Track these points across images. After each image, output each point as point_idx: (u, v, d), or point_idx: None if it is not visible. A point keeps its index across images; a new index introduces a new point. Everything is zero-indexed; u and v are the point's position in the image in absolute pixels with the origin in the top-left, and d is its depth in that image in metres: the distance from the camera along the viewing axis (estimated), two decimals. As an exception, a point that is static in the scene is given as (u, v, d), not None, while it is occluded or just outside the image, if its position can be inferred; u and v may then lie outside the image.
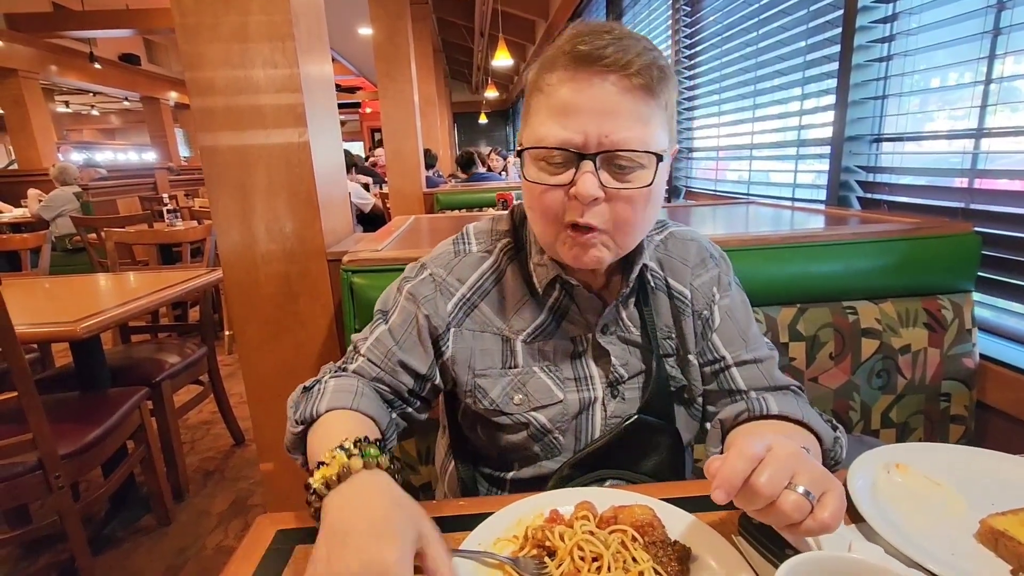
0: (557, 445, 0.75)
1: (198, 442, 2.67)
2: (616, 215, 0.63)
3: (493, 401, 0.74)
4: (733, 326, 0.77)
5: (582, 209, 0.62)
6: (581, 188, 0.61)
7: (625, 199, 0.63)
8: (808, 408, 0.70)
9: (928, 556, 0.50)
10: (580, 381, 0.75)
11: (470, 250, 0.78)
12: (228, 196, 1.45)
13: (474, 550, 0.54)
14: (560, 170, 0.63)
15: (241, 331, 1.53)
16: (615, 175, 0.62)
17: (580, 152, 0.61)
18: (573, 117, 0.61)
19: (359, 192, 4.81)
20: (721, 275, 0.80)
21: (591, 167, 0.61)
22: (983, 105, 1.30)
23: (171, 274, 2.39)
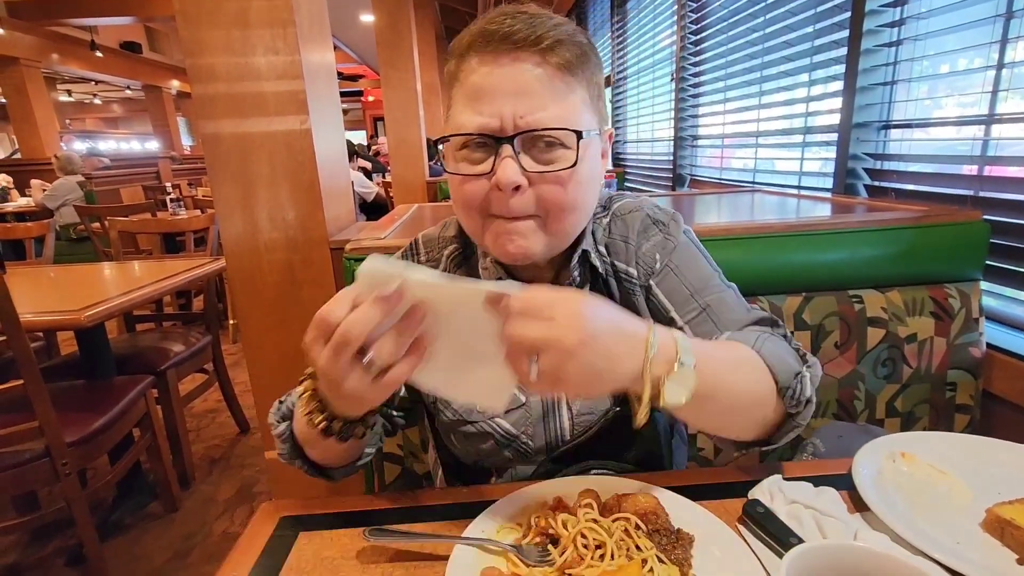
0: (527, 450, 0.73)
1: (204, 430, 2.69)
2: (544, 200, 0.60)
3: (456, 412, 0.74)
4: (681, 285, 0.71)
5: (506, 199, 0.59)
6: (502, 175, 0.57)
7: (552, 181, 0.60)
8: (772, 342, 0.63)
9: (933, 544, 0.49)
10: None
11: (419, 260, 0.77)
12: (230, 184, 1.44)
13: (477, 537, 0.54)
14: (480, 158, 0.60)
15: (245, 319, 1.54)
16: (537, 158, 0.59)
17: (497, 136, 0.58)
18: (487, 101, 0.58)
19: (362, 181, 4.80)
20: (665, 239, 0.73)
21: (510, 151, 0.58)
22: (994, 90, 1.28)
23: (175, 263, 2.39)
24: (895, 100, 1.59)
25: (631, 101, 4.02)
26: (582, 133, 0.59)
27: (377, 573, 0.53)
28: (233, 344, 3.73)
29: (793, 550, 0.37)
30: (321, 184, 1.46)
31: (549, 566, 0.50)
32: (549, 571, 0.50)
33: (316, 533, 0.59)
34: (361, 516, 0.61)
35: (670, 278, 0.71)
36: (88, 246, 4.06)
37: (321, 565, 0.55)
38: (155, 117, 11.57)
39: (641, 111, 3.80)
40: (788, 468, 0.66)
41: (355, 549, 0.56)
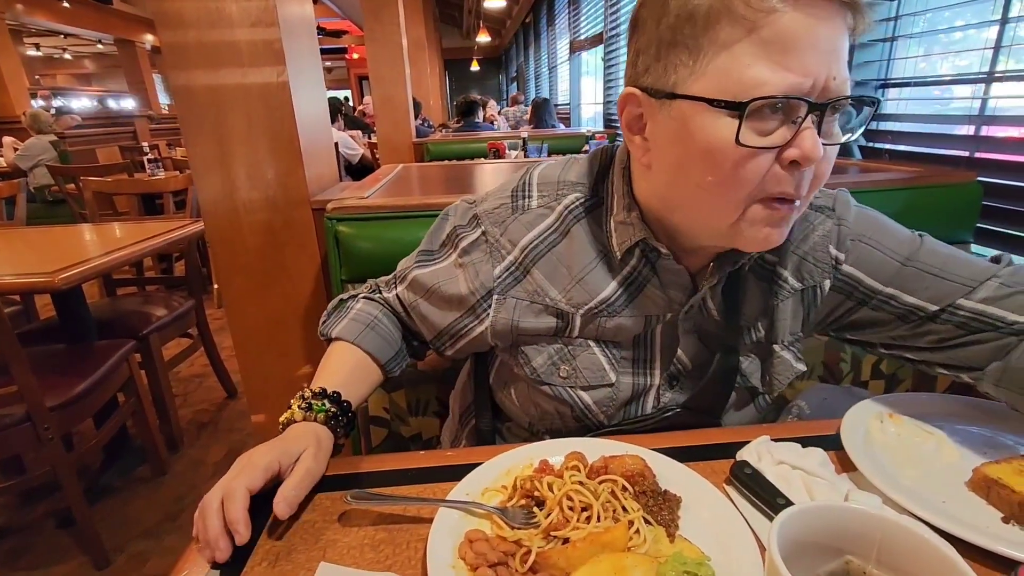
0: (596, 425, 0.68)
1: (191, 395, 2.68)
2: (817, 176, 0.51)
3: (535, 370, 0.66)
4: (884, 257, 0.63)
5: (798, 176, 0.49)
6: (811, 149, 0.47)
7: (829, 156, 0.51)
8: None
9: (920, 504, 0.49)
10: (638, 363, 0.66)
11: (529, 205, 0.65)
12: (205, 140, 1.38)
13: (462, 500, 0.53)
14: (770, 127, 0.48)
15: (226, 283, 1.50)
16: (826, 131, 0.49)
17: (810, 101, 0.47)
18: (798, 55, 0.46)
19: (347, 142, 4.67)
20: (837, 224, 0.64)
21: (813, 121, 0.48)
22: (996, 47, 1.24)
23: (153, 225, 2.32)
24: (895, 57, 1.55)
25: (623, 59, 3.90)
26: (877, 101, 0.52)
27: (360, 536, 0.52)
28: (219, 309, 3.69)
29: (784, 512, 0.36)
30: (301, 141, 1.40)
31: (534, 528, 0.50)
32: (534, 533, 0.49)
33: (299, 496, 0.58)
34: (343, 479, 0.60)
35: (866, 254, 0.64)
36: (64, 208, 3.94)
37: (302, 528, 0.54)
38: (130, 74, 11.09)
39: (634, 70, 3.69)
40: (775, 430, 0.65)
41: (337, 512, 0.55)
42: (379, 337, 0.73)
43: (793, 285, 0.65)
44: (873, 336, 0.68)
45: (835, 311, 0.68)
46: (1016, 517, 0.49)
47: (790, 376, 0.67)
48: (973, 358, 0.61)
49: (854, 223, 0.65)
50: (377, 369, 0.72)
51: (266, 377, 1.57)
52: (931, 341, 0.63)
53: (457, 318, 0.69)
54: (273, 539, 0.53)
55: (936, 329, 0.62)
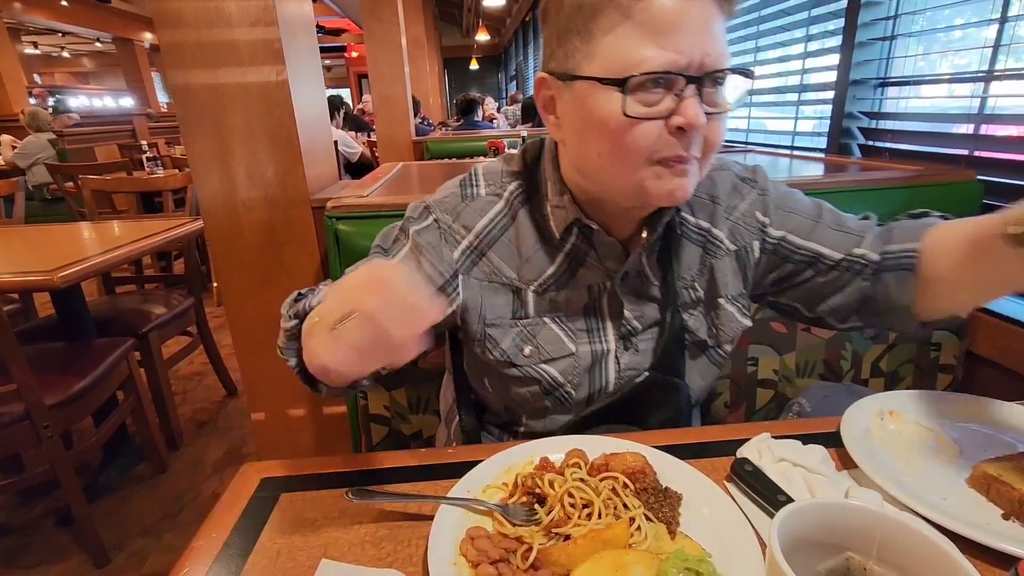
0: (568, 400, 0.71)
1: (190, 393, 2.68)
2: (710, 140, 0.59)
3: (504, 352, 0.70)
4: (806, 222, 0.71)
5: (686, 141, 0.56)
6: (692, 116, 0.54)
7: (716, 122, 0.58)
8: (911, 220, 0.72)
9: (920, 501, 0.49)
10: (592, 332, 0.71)
11: (478, 193, 0.71)
12: (204, 139, 1.38)
13: (462, 497, 0.53)
14: (655, 98, 0.55)
15: (226, 281, 1.50)
16: (708, 100, 0.56)
17: (687, 75, 0.54)
18: (673, 35, 0.53)
19: (346, 140, 4.66)
20: (761, 195, 0.73)
21: (694, 91, 0.54)
22: (996, 45, 1.24)
23: (152, 223, 2.32)
24: (894, 56, 1.55)
25: (623, 58, 3.90)
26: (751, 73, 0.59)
27: (361, 533, 0.52)
28: (218, 307, 3.68)
29: (784, 508, 0.36)
30: (301, 139, 1.40)
31: (536, 525, 0.50)
32: (536, 530, 0.49)
33: (298, 494, 0.58)
34: (344, 477, 0.60)
35: (785, 218, 0.72)
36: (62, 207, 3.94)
37: (304, 526, 0.54)
38: (128, 72, 11.07)
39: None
40: (776, 427, 0.65)
41: (338, 510, 0.55)
42: None
43: (728, 247, 0.72)
44: (797, 295, 0.75)
45: (770, 272, 0.75)
46: (1016, 514, 0.49)
47: (736, 329, 0.74)
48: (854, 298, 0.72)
49: (774, 194, 0.73)
50: None
51: (266, 375, 1.57)
52: (835, 287, 0.72)
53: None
54: (274, 536, 0.53)
55: (838, 276, 0.71)
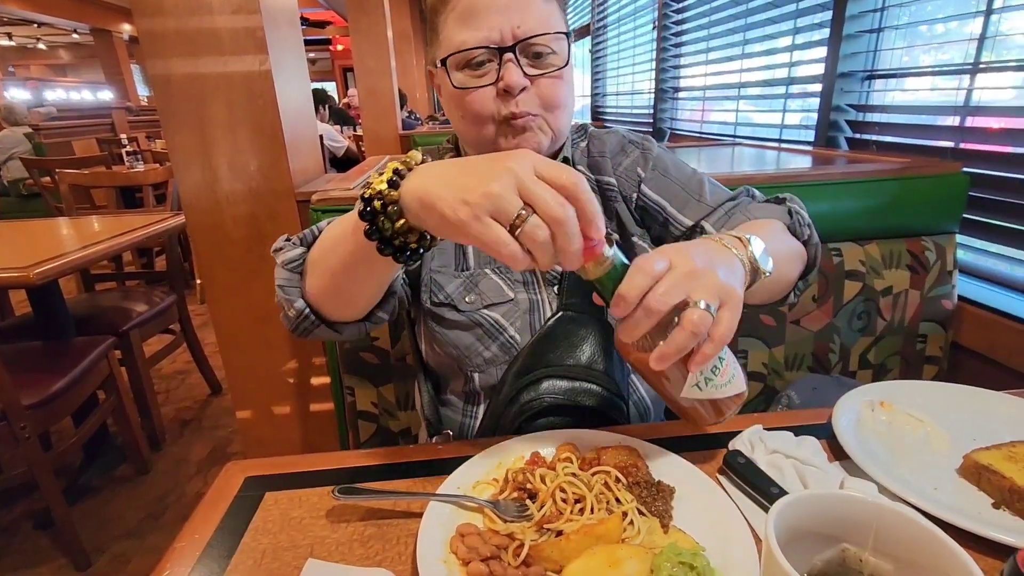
0: (514, 344, 0.76)
1: (173, 391, 2.63)
2: (544, 98, 0.69)
3: (448, 295, 0.77)
4: (674, 187, 0.79)
5: (514, 99, 0.67)
6: (510, 78, 0.65)
7: (548, 80, 0.68)
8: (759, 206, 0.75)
9: (912, 491, 0.49)
10: (528, 285, 0.78)
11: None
12: (186, 130, 1.35)
13: (452, 494, 0.52)
14: (483, 70, 0.67)
15: (209, 277, 1.47)
16: (533, 63, 0.68)
17: (499, 47, 0.66)
18: (483, 18, 0.65)
19: (331, 134, 4.60)
20: (643, 154, 0.82)
21: (512, 58, 0.66)
22: (981, 37, 1.25)
23: (132, 218, 2.27)
24: (881, 48, 1.56)
25: (611, 51, 3.89)
26: (569, 33, 0.70)
27: (348, 532, 0.51)
28: (201, 304, 3.62)
29: (779, 501, 0.36)
30: (285, 131, 1.37)
31: (527, 521, 0.49)
32: (527, 526, 0.48)
33: (283, 493, 0.57)
34: (331, 475, 0.59)
35: (658, 179, 0.80)
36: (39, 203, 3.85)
37: (289, 525, 0.52)
38: (107, 64, 10.82)
39: (621, 62, 3.69)
40: (767, 419, 0.65)
41: (324, 508, 0.54)
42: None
43: (619, 193, 0.81)
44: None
45: (651, 231, 0.82)
46: (1006, 502, 0.49)
47: None
48: None
49: (656, 156, 0.81)
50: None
51: (251, 373, 1.54)
52: None
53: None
54: (258, 536, 0.51)
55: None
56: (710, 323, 0.46)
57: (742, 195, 0.79)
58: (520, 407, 0.68)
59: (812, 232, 0.71)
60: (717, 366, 0.50)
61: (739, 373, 0.52)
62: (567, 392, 0.68)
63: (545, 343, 0.73)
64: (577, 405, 0.67)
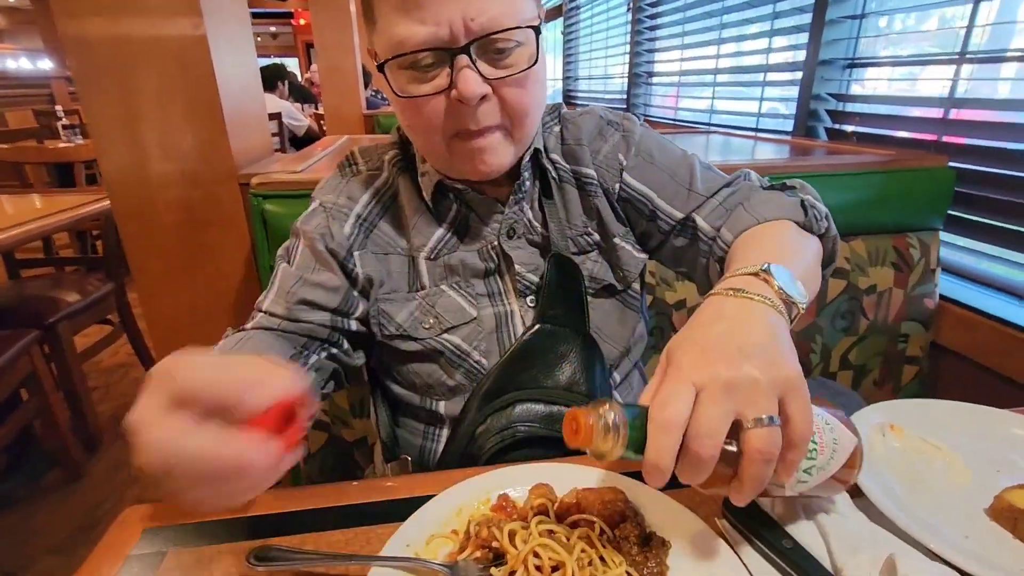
0: (480, 369, 0.66)
1: (114, 387, 2.44)
2: (509, 106, 0.56)
3: (400, 326, 0.66)
4: (661, 174, 0.68)
5: (471, 112, 0.54)
6: (465, 89, 0.52)
7: (514, 84, 0.55)
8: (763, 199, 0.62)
9: (941, 540, 0.42)
10: (494, 296, 0.68)
11: (358, 170, 0.70)
12: (107, 101, 1.18)
13: (399, 557, 0.42)
14: (433, 73, 0.54)
15: (139, 266, 1.31)
16: (495, 62, 0.54)
17: (450, 47, 0.52)
18: (427, 7, 0.50)
19: (291, 112, 4.36)
20: (624, 137, 0.70)
21: (467, 61, 0.52)
22: (969, 26, 1.20)
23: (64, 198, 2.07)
24: (863, 35, 1.50)
25: (583, 34, 3.78)
26: (539, 27, 0.55)
27: (269, 605, 0.41)
28: (148, 291, 3.39)
29: None
30: (224, 106, 1.22)
31: (492, 590, 0.39)
32: (492, 598, 0.39)
33: (190, 551, 0.46)
34: (250, 525, 0.48)
35: (643, 166, 0.69)
36: (-38, 179, 3.50)
37: (193, 597, 0.42)
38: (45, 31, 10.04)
39: (594, 45, 3.58)
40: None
41: (240, 574, 0.43)
42: (260, 344, 0.58)
43: (599, 187, 0.70)
44: (667, 256, 0.72)
45: (633, 226, 0.72)
46: (1050, 555, 0.42)
47: (638, 264, 0.71)
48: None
49: (639, 139, 0.70)
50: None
51: (191, 372, 1.40)
52: (691, 252, 0.68)
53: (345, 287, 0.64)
54: (151, 615, 0.40)
55: (689, 242, 0.68)
56: (779, 437, 0.36)
57: (740, 180, 0.68)
58: (490, 437, 0.59)
59: (830, 224, 0.62)
60: (812, 453, 0.40)
61: (839, 433, 0.42)
62: (544, 419, 0.59)
63: (519, 361, 0.63)
64: (556, 435, 0.58)
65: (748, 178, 0.68)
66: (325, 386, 0.66)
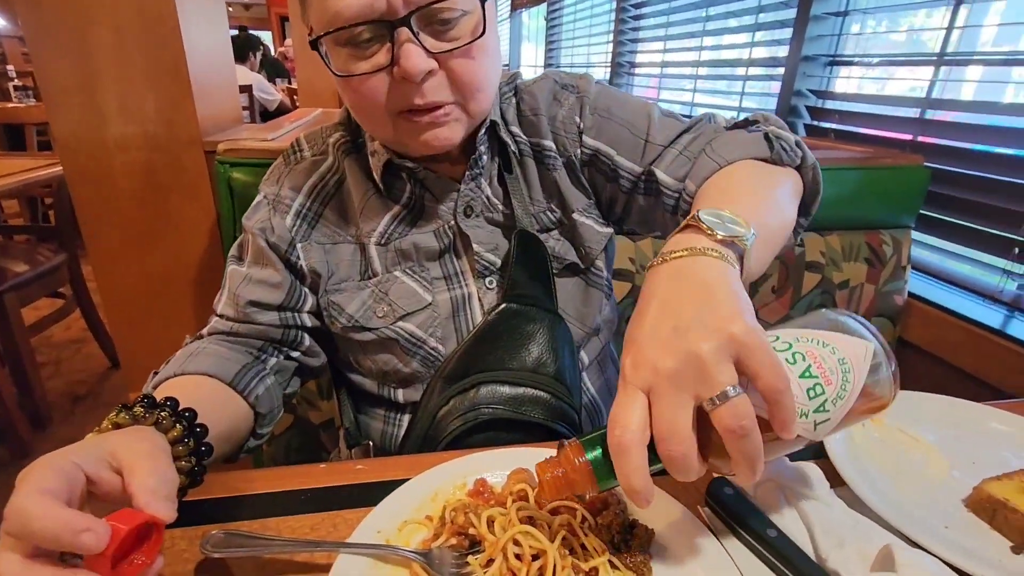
0: (437, 356, 0.64)
1: (65, 362, 2.33)
2: (458, 79, 0.52)
3: (351, 317, 0.63)
4: (621, 129, 0.64)
5: (417, 88, 0.51)
6: (408, 65, 0.49)
7: (462, 57, 0.51)
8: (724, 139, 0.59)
9: (924, 530, 0.42)
10: (451, 279, 0.65)
11: (302, 157, 0.67)
12: (62, 57, 1.10)
13: (368, 544, 0.39)
14: (372, 49, 0.50)
15: (94, 235, 1.24)
16: (439, 34, 0.51)
17: (388, 20, 0.48)
18: None
19: (262, 85, 4.20)
20: (580, 98, 0.66)
21: (408, 35, 0.48)
22: (949, 28, 1.22)
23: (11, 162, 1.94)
24: (846, 33, 1.51)
25: (567, 21, 3.74)
26: None
27: (225, 594, 0.38)
28: (105, 265, 3.24)
29: None
30: (191, 67, 1.15)
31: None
32: (468, 587, 0.37)
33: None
34: (208, 509, 0.45)
35: (601, 124, 0.65)
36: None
37: (142, 583, 0.38)
38: (-2, -14, 9.45)
39: (577, 32, 3.54)
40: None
41: (193, 562, 0.40)
42: (209, 357, 0.56)
43: (558, 158, 0.66)
44: (634, 218, 0.69)
45: (599, 190, 0.68)
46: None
47: (601, 241, 0.68)
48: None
49: (595, 97, 0.66)
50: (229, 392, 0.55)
51: (148, 349, 1.33)
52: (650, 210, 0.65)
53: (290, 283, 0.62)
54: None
55: (655, 199, 0.64)
56: (746, 406, 0.32)
57: (701, 124, 0.64)
58: (453, 419, 0.56)
59: (804, 152, 0.58)
60: (816, 388, 0.35)
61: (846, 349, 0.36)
62: (510, 402, 0.57)
63: (484, 343, 0.61)
64: (522, 418, 0.56)
65: (712, 120, 0.65)
66: (288, 386, 0.64)
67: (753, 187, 0.53)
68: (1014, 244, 1.07)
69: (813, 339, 0.37)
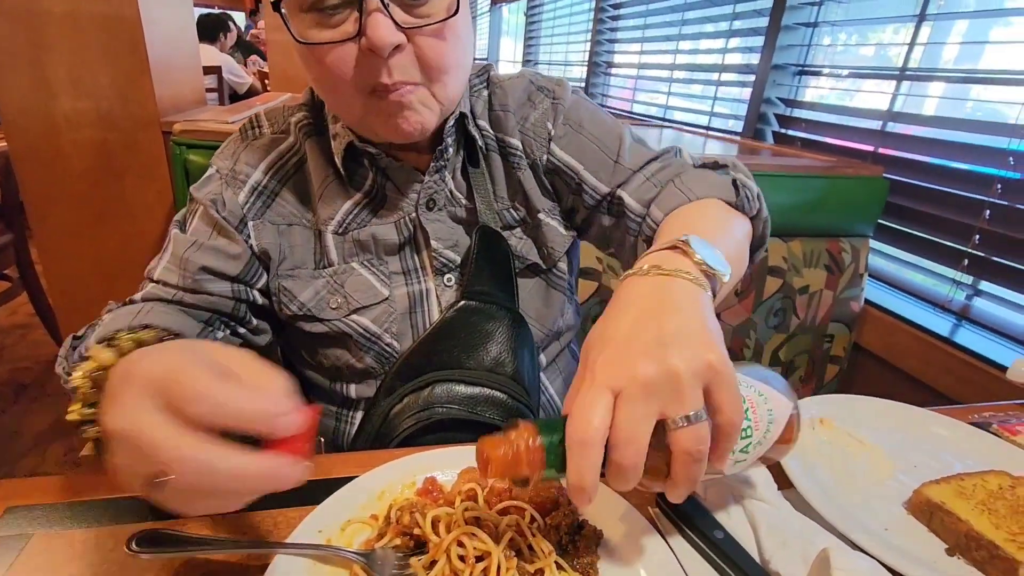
0: (392, 352, 0.62)
1: (10, 349, 2.22)
2: (426, 61, 0.50)
3: (303, 305, 0.61)
4: (590, 145, 0.64)
5: (384, 64, 0.48)
6: (375, 35, 0.46)
7: (431, 35, 0.50)
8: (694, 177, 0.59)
9: (865, 532, 0.43)
10: (409, 274, 0.63)
11: (261, 133, 0.63)
12: (6, 22, 1.04)
13: (307, 544, 0.38)
14: (339, 16, 0.48)
15: (41, 216, 1.18)
16: (410, 8, 0.48)
17: None
18: None
19: (232, 67, 4.07)
20: (555, 104, 0.65)
21: (377, 4, 0.46)
22: (911, 43, 1.25)
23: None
24: (814, 43, 1.54)
25: (547, 18, 3.73)
26: None
27: (152, 596, 0.36)
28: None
29: None
30: (148, 41, 1.10)
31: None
32: (410, 589, 0.36)
33: (60, 533, 0.40)
34: (133, 507, 0.42)
35: (571, 136, 0.65)
36: None
37: (62, 585, 0.36)
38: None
39: (556, 30, 3.54)
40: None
41: (118, 563, 0.38)
42: (166, 314, 0.52)
43: (524, 159, 0.66)
44: (594, 236, 0.70)
45: (564, 199, 0.68)
46: (961, 549, 0.43)
47: (564, 243, 0.68)
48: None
49: (569, 107, 0.66)
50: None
51: (97, 336, 1.27)
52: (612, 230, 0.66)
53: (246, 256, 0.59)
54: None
55: (617, 221, 0.65)
56: (707, 433, 0.33)
57: (670, 155, 0.64)
58: (406, 417, 0.55)
59: (762, 205, 0.60)
60: (747, 431, 0.38)
61: (774, 402, 0.40)
62: (465, 401, 0.56)
63: (441, 340, 0.59)
64: (478, 419, 0.55)
65: (679, 155, 0.65)
66: None
67: (724, 227, 0.54)
68: (964, 255, 1.11)
69: (752, 387, 0.39)
